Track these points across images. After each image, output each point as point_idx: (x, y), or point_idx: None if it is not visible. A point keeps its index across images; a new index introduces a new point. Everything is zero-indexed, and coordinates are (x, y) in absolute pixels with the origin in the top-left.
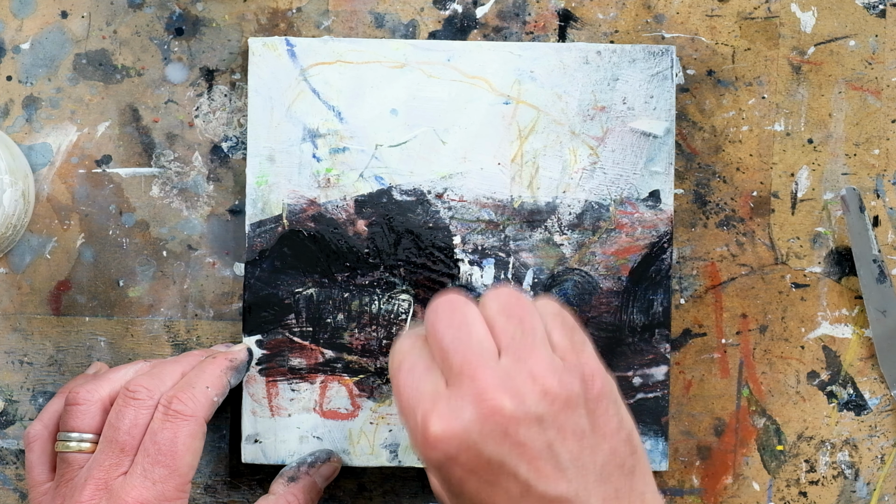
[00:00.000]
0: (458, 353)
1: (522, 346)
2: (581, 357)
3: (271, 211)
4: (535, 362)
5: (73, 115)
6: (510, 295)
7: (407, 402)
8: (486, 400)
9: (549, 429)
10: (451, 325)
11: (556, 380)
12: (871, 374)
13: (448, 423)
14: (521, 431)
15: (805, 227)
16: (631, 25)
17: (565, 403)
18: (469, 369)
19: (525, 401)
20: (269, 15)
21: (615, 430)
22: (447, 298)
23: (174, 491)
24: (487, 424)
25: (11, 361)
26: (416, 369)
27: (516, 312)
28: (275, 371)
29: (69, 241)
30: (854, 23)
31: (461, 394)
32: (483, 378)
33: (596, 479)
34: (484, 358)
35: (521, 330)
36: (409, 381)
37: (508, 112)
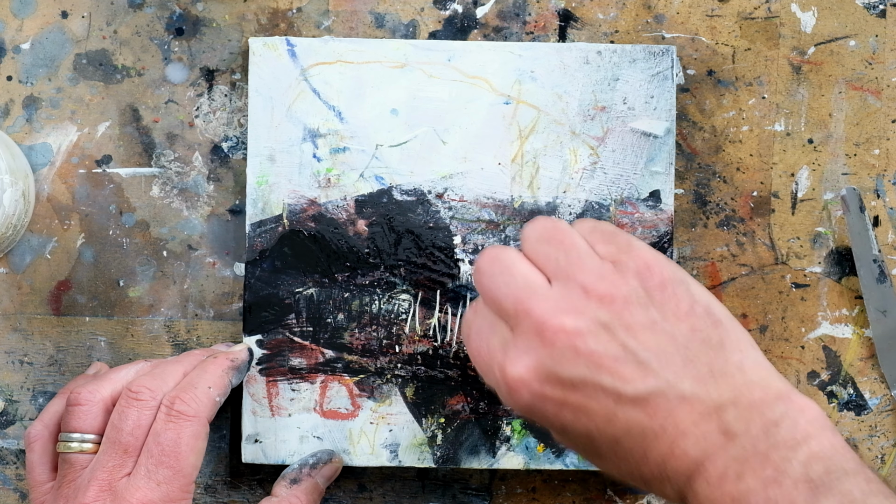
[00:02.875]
0: (508, 297)
1: (568, 265)
2: (630, 254)
3: (272, 211)
4: (583, 276)
5: (73, 115)
6: (545, 223)
7: (484, 363)
8: (547, 326)
9: (618, 331)
10: (494, 274)
11: (608, 283)
12: (871, 374)
13: (522, 363)
14: (591, 342)
15: (805, 227)
16: (631, 25)
17: (625, 302)
18: (523, 307)
19: (584, 313)
20: (269, 15)
21: (688, 308)
22: (487, 251)
23: (178, 491)
24: (556, 348)
25: (11, 361)
26: (483, 330)
27: (555, 237)
28: (275, 371)
29: (69, 241)
30: (854, 23)
31: (524, 332)
32: (538, 308)
33: (683, 363)
34: (533, 291)
35: (563, 251)
36: (478, 342)
37: (509, 112)
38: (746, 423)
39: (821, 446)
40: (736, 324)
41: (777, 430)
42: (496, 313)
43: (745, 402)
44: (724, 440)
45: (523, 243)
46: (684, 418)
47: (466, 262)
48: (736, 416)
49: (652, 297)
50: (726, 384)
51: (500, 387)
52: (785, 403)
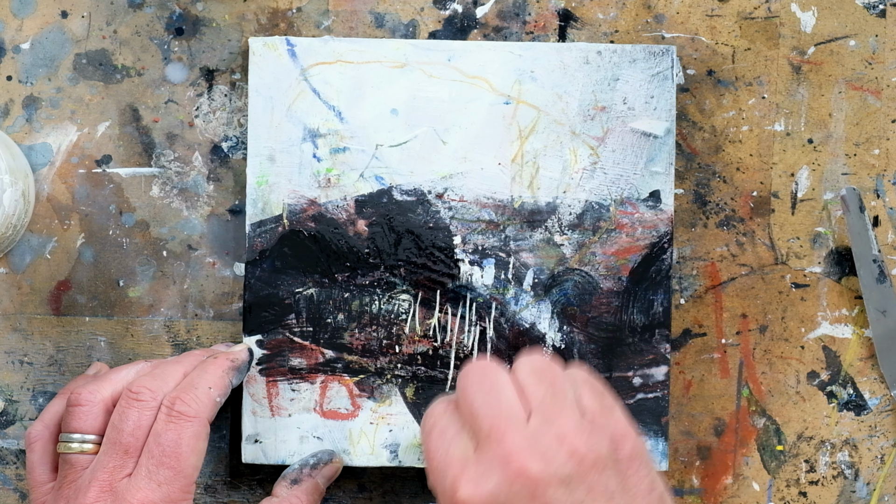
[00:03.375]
0: (486, 417)
1: (552, 408)
2: (610, 420)
3: (272, 211)
4: (563, 423)
5: (73, 115)
6: (542, 360)
7: (437, 466)
8: (513, 462)
9: (578, 490)
10: (480, 390)
11: (584, 440)
12: (871, 374)
13: (476, 486)
14: (549, 493)
15: (805, 227)
16: (631, 25)
17: (593, 464)
18: (497, 432)
19: (552, 462)
20: (269, 15)
21: (646, 491)
22: (479, 363)
23: (179, 492)
24: (515, 487)
25: (11, 361)
26: (447, 433)
27: (547, 376)
28: (275, 371)
29: (69, 241)
30: (854, 23)
31: (489, 457)
32: (510, 440)
33: None
34: (512, 421)
35: (550, 392)
36: (439, 444)
37: (509, 112)
38: None
39: None
40: None
41: None
42: (467, 425)
43: None
44: None
45: (516, 371)
46: None
47: (466, 262)
48: None
49: (618, 468)
50: None
51: (445, 499)
52: None
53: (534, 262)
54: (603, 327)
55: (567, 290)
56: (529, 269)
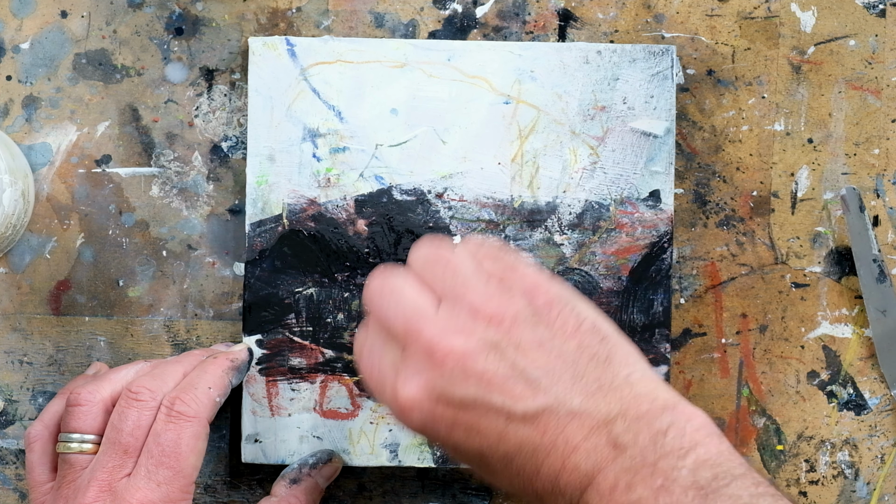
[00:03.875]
0: (398, 319)
1: (455, 286)
2: (516, 274)
3: (271, 210)
4: (471, 296)
5: (72, 115)
6: (430, 245)
7: (375, 383)
8: (437, 349)
9: (507, 350)
10: (383, 297)
11: (496, 303)
12: (871, 373)
13: (413, 384)
14: (480, 362)
15: (805, 226)
16: (631, 25)
17: (513, 321)
18: (412, 328)
19: (473, 333)
20: (268, 15)
21: (574, 326)
22: (375, 274)
23: (179, 492)
24: (446, 369)
25: (11, 361)
26: (374, 350)
27: (441, 259)
28: (275, 371)
29: (69, 241)
30: (854, 22)
31: (414, 354)
32: (427, 330)
33: (571, 379)
34: (421, 313)
35: (449, 272)
36: (370, 362)
37: (509, 112)
38: (635, 435)
39: (708, 453)
40: (623, 339)
41: (665, 439)
42: (386, 335)
43: (632, 414)
44: (614, 453)
45: (410, 265)
46: (575, 433)
47: None
48: (625, 429)
49: (539, 316)
50: (615, 398)
51: (392, 407)
52: (671, 413)
53: (534, 261)
54: None
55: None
56: None
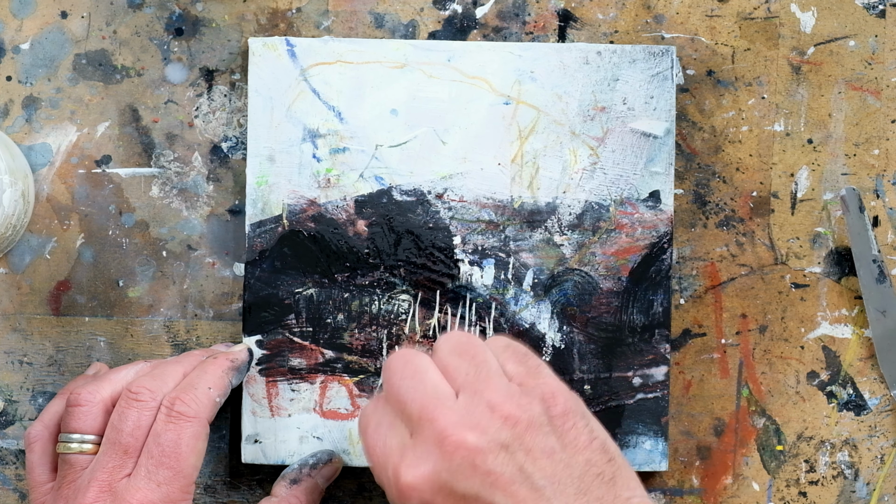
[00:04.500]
0: (415, 402)
1: (476, 380)
2: (538, 379)
3: (271, 211)
4: (491, 393)
5: (72, 116)
6: (459, 336)
7: (377, 460)
8: (449, 439)
9: (517, 453)
10: (404, 377)
11: (514, 404)
12: (870, 374)
13: (417, 469)
14: (489, 461)
15: (805, 227)
16: (631, 26)
17: (528, 426)
18: (427, 414)
19: (487, 431)
20: (268, 15)
21: (586, 442)
22: (399, 352)
23: (179, 492)
24: (454, 462)
25: (11, 361)
26: (381, 427)
27: (467, 351)
28: (275, 371)
29: (69, 242)
30: (854, 23)
31: (425, 439)
32: (442, 419)
33: (575, 493)
34: (440, 400)
35: (473, 366)
36: (376, 439)
37: (509, 112)
38: None
39: None
40: (627, 463)
41: None
42: (398, 414)
43: None
44: None
45: (436, 353)
46: None
47: (466, 263)
48: None
49: (554, 425)
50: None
51: (391, 489)
52: None
53: (533, 262)
54: (603, 327)
55: (567, 291)
56: (529, 269)
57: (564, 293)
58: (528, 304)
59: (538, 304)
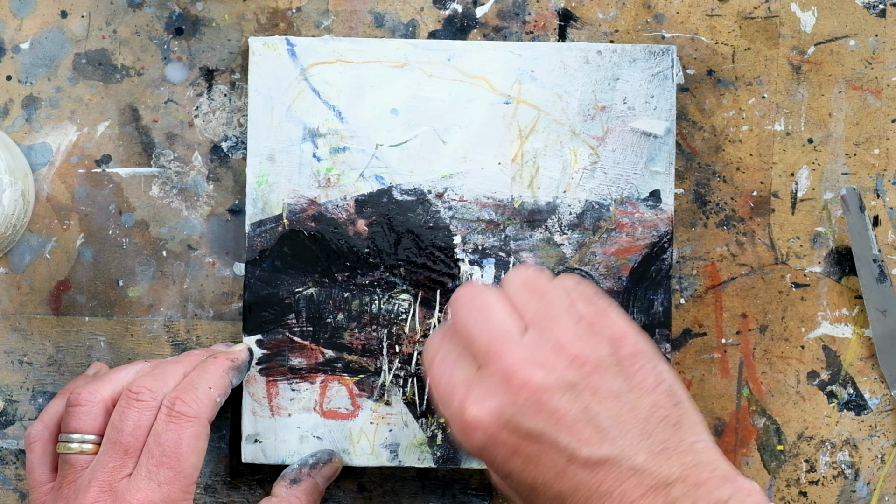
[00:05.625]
0: (482, 336)
1: (545, 318)
2: (606, 321)
3: (271, 210)
4: (559, 332)
5: (72, 115)
6: (530, 272)
7: (443, 393)
8: (515, 376)
9: (583, 393)
10: (472, 311)
11: (583, 344)
12: (871, 374)
13: (483, 404)
14: (555, 399)
15: (805, 226)
16: (631, 25)
17: (595, 366)
18: (495, 350)
19: (554, 369)
20: (268, 15)
21: (653, 385)
22: (469, 287)
23: (179, 492)
24: (520, 399)
25: (11, 361)
26: (448, 360)
27: (537, 288)
28: (275, 371)
29: (69, 241)
30: (854, 22)
31: (491, 374)
32: (509, 355)
33: (640, 435)
34: (508, 336)
35: (543, 303)
36: (441, 372)
37: (509, 112)
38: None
39: None
40: (693, 407)
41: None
42: (465, 348)
43: (692, 480)
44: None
45: (506, 286)
46: (633, 489)
47: (466, 262)
48: (683, 494)
49: (621, 367)
50: (678, 462)
51: (455, 422)
52: (731, 485)
53: (534, 261)
54: None
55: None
56: None
57: None
58: None
59: None
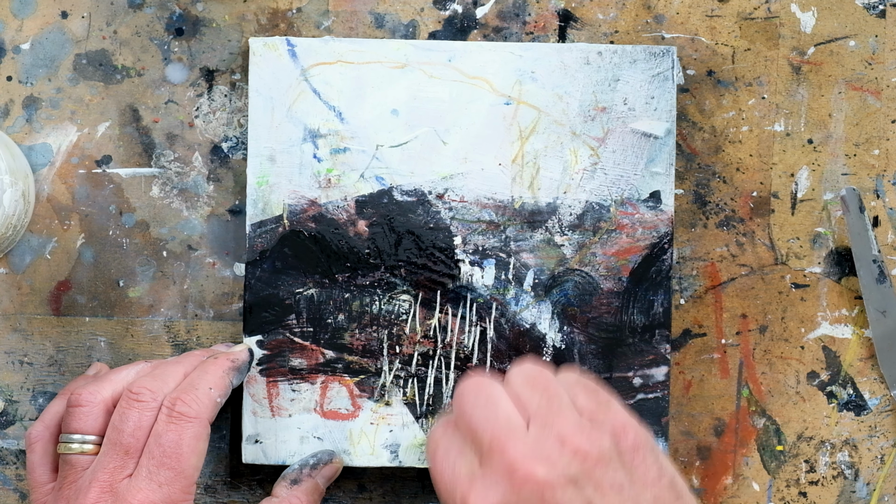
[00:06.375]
0: (486, 431)
1: (548, 412)
2: (608, 414)
3: (272, 211)
4: (562, 426)
5: (73, 116)
6: (533, 368)
7: (445, 486)
8: (518, 470)
9: (586, 487)
10: (477, 405)
11: (585, 438)
12: (870, 374)
13: (485, 499)
14: (558, 495)
15: (805, 227)
16: (631, 26)
17: (598, 460)
18: (498, 444)
19: (556, 464)
20: (269, 15)
21: (656, 478)
22: (473, 380)
23: (180, 493)
24: (523, 494)
25: (11, 361)
26: (451, 453)
27: (540, 383)
28: (275, 371)
29: (69, 242)
30: (854, 23)
31: (494, 469)
32: (513, 450)
33: None
34: (511, 431)
35: (545, 398)
36: (444, 465)
37: (509, 112)
38: None
39: None
40: (694, 499)
41: None
42: (468, 441)
43: None
44: None
45: (508, 383)
46: None
47: (467, 263)
48: None
49: (623, 460)
50: None
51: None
52: None
53: (534, 262)
54: (603, 328)
55: (567, 291)
56: (530, 269)
57: (565, 293)
58: (529, 304)
59: (539, 304)
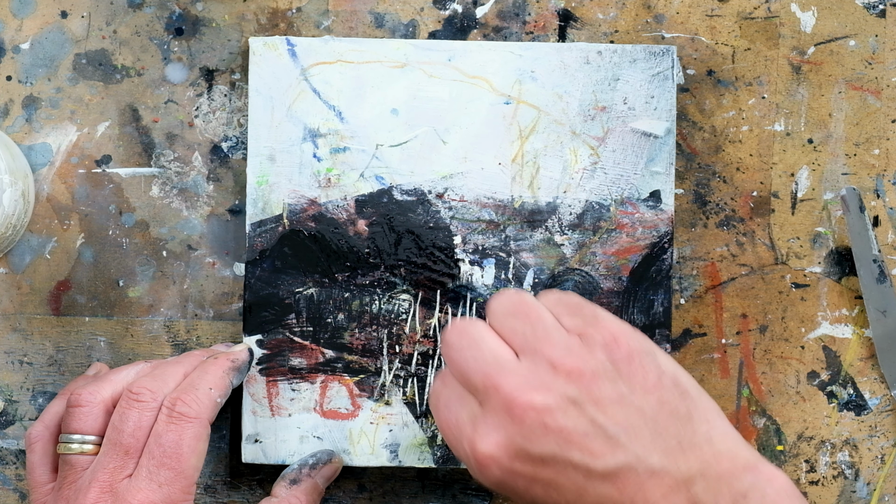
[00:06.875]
0: (477, 372)
1: (535, 339)
2: (597, 327)
3: (272, 211)
4: (550, 350)
5: (72, 115)
6: (510, 296)
7: (452, 436)
8: (516, 404)
9: (586, 406)
10: (462, 348)
11: (576, 358)
12: (871, 374)
13: (491, 439)
14: (560, 419)
15: (805, 227)
16: (631, 25)
17: (593, 377)
18: (491, 382)
19: (552, 389)
20: (268, 15)
21: (655, 380)
22: (454, 324)
23: (180, 493)
24: (525, 425)
25: (11, 361)
26: (451, 403)
27: (521, 310)
28: (275, 371)
29: (69, 241)
30: (854, 23)
31: (493, 409)
32: (506, 385)
33: (651, 436)
34: (501, 366)
35: (529, 325)
36: (447, 415)
37: (509, 112)
38: (715, 496)
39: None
40: (703, 394)
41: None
42: (464, 387)
43: (713, 473)
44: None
45: (489, 317)
46: (654, 492)
47: (467, 262)
48: (705, 489)
49: (619, 370)
50: (695, 456)
51: (470, 461)
52: (753, 474)
53: (534, 261)
54: None
55: (567, 290)
56: (530, 268)
57: None
58: None
59: None
